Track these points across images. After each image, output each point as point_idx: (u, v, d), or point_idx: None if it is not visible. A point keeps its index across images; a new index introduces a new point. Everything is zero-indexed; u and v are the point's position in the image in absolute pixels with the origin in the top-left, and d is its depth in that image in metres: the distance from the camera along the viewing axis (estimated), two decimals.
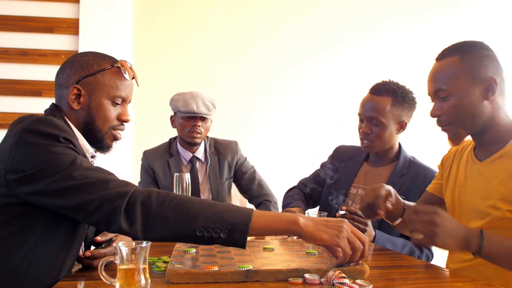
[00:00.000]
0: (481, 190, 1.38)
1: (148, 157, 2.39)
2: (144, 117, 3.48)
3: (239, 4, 3.65)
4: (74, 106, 1.28)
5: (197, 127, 2.24)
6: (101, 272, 0.95)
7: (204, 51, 3.58)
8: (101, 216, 1.05)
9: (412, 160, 1.96)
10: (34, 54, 3.13)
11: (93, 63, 1.29)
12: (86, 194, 1.05)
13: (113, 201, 1.04)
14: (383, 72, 3.68)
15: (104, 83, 1.29)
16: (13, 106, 3.08)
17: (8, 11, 3.12)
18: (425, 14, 3.79)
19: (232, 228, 1.02)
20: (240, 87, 3.61)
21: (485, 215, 1.34)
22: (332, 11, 3.72)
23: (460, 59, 1.36)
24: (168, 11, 3.57)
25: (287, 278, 1.05)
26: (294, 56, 3.67)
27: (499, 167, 1.35)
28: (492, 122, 1.36)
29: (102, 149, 1.35)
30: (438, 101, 1.40)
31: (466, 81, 1.34)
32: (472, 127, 1.37)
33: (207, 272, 1.04)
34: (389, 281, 1.09)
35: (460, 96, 1.35)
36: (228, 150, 2.40)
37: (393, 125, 1.91)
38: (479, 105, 1.35)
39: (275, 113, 3.64)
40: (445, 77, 1.37)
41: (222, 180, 2.34)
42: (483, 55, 1.36)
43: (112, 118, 1.32)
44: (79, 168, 1.08)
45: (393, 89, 1.91)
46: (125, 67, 1.32)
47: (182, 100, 2.23)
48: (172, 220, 1.03)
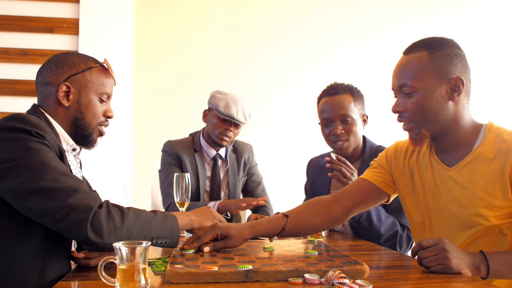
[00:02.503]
0: (458, 197, 1.32)
1: (175, 146, 2.34)
2: (144, 117, 3.48)
3: (239, 4, 3.65)
4: (64, 102, 1.32)
5: (229, 132, 2.27)
6: (101, 272, 0.95)
7: (204, 51, 3.58)
8: (67, 225, 1.09)
9: (379, 149, 1.95)
10: (34, 54, 3.13)
11: (79, 61, 1.36)
12: (55, 200, 1.08)
13: (80, 212, 1.08)
14: (383, 72, 3.69)
15: (92, 80, 1.35)
16: (13, 106, 3.08)
17: (8, 11, 3.13)
18: (425, 14, 3.79)
19: (172, 234, 1.24)
20: (240, 86, 3.60)
21: (472, 224, 1.29)
22: (332, 11, 3.72)
23: (428, 55, 1.30)
24: (168, 11, 3.57)
25: (287, 278, 1.05)
26: (294, 55, 3.67)
27: (475, 172, 1.30)
28: (455, 123, 1.32)
29: (89, 144, 1.38)
30: (402, 96, 1.34)
31: (432, 78, 1.29)
32: (434, 127, 1.31)
33: (207, 272, 1.03)
34: (389, 281, 1.09)
35: (425, 93, 1.29)
36: (245, 150, 2.47)
37: (359, 120, 1.94)
38: (444, 105, 1.30)
39: (275, 113, 3.64)
40: (411, 73, 1.31)
41: (238, 177, 2.40)
42: (452, 53, 1.30)
43: (100, 114, 1.38)
44: (53, 171, 1.11)
45: (348, 87, 1.95)
46: (109, 65, 1.40)
47: (224, 101, 2.23)
48: (135, 232, 1.15)
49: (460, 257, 1.14)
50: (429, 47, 1.32)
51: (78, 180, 1.15)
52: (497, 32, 3.82)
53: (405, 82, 1.32)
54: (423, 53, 1.32)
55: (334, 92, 1.93)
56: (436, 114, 1.30)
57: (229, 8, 3.63)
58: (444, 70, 1.29)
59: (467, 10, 3.85)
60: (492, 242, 1.28)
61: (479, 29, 3.76)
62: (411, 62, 1.33)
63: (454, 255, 1.13)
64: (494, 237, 1.28)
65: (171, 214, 1.28)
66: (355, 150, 1.97)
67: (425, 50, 1.32)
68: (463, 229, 1.32)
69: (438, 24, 3.76)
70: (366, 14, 3.75)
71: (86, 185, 1.50)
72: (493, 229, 1.27)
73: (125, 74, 3.14)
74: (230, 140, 2.31)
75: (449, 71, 1.29)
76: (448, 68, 1.29)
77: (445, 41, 1.34)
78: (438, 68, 1.29)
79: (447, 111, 1.30)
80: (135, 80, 3.48)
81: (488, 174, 1.27)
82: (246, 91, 3.61)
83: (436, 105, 1.29)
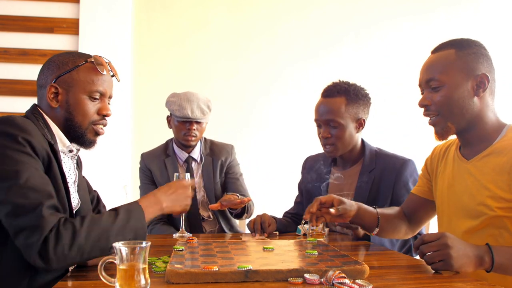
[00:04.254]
0: (470, 189, 1.37)
1: (145, 159, 2.41)
2: (144, 117, 3.48)
3: (239, 4, 3.65)
4: (52, 104, 1.31)
5: (192, 131, 2.26)
6: (100, 272, 0.95)
7: (204, 51, 3.58)
8: (18, 244, 1.08)
9: (379, 152, 1.95)
10: (34, 54, 3.13)
11: (68, 61, 1.33)
12: (13, 216, 1.07)
13: (30, 235, 1.06)
14: (382, 72, 3.69)
15: (79, 79, 1.32)
16: (13, 106, 3.08)
17: (8, 11, 3.12)
18: (424, 14, 3.79)
19: (136, 234, 1.19)
20: (240, 86, 3.61)
21: (478, 214, 1.33)
22: (332, 11, 3.72)
23: (456, 53, 1.36)
24: (168, 11, 3.57)
25: (287, 278, 1.05)
26: (294, 55, 3.67)
27: (487, 165, 1.34)
28: (479, 119, 1.36)
29: (85, 144, 1.36)
30: (429, 91, 1.39)
31: (459, 74, 1.34)
32: (460, 121, 1.36)
33: (207, 272, 1.04)
34: (389, 281, 1.09)
35: (451, 87, 1.34)
36: (223, 151, 2.42)
37: (352, 124, 1.90)
38: (469, 100, 1.34)
39: (274, 112, 3.64)
40: (439, 68, 1.37)
41: (215, 180, 2.37)
42: (478, 52, 1.36)
43: (91, 113, 1.33)
44: (22, 184, 1.09)
45: (344, 88, 1.91)
46: (100, 62, 1.34)
47: (177, 103, 2.23)
48: (87, 250, 1.11)
49: (463, 252, 1.14)
50: (457, 46, 1.38)
51: (46, 195, 1.11)
52: (497, 32, 3.82)
53: (432, 76, 1.37)
54: (451, 50, 1.37)
55: (327, 95, 1.92)
56: (462, 108, 1.35)
57: (229, 8, 3.63)
58: (471, 67, 1.35)
59: (467, 10, 3.84)
60: (498, 236, 1.30)
61: (479, 29, 3.76)
62: (439, 58, 1.39)
63: (456, 250, 1.13)
64: (499, 230, 1.30)
65: (137, 207, 1.23)
66: (351, 153, 1.96)
67: (453, 48, 1.38)
68: (470, 218, 1.35)
69: (438, 24, 3.76)
70: (366, 14, 3.75)
71: (85, 185, 1.49)
72: (498, 221, 1.30)
73: (125, 74, 3.13)
74: (197, 137, 2.30)
75: (475, 68, 1.35)
76: (474, 65, 1.35)
77: (472, 42, 1.40)
78: (465, 65, 1.35)
79: (472, 106, 1.35)
80: (135, 80, 3.48)
81: (499, 167, 1.31)
82: (246, 91, 3.61)
83: (462, 100, 1.34)
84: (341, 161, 2.00)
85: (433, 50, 1.43)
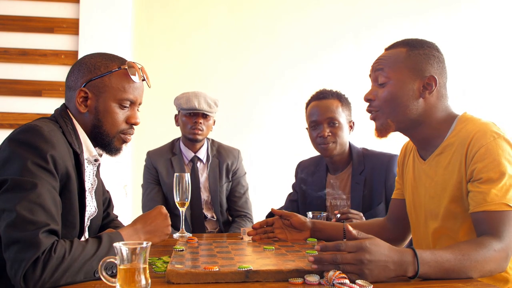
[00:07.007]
0: (428, 190, 1.36)
1: (151, 157, 2.45)
2: (144, 117, 3.47)
3: (239, 4, 3.65)
4: (81, 109, 1.26)
5: (198, 124, 2.30)
6: (101, 272, 0.95)
7: (204, 51, 3.58)
8: (6, 256, 1.03)
9: (365, 153, 2.00)
10: (34, 54, 3.13)
11: (100, 65, 1.27)
12: (13, 227, 1.02)
13: (21, 251, 1.00)
14: None
15: (111, 85, 1.27)
16: (13, 106, 3.08)
17: (8, 11, 3.12)
18: (424, 14, 3.79)
19: None
20: (240, 86, 3.61)
21: (440, 215, 1.31)
22: (331, 11, 3.72)
23: (407, 52, 1.35)
24: (168, 11, 3.57)
25: (287, 278, 1.05)
26: (294, 55, 3.67)
27: (440, 164, 1.33)
28: (423, 120, 1.33)
29: (111, 151, 1.33)
30: (375, 85, 1.39)
31: (407, 72, 1.32)
32: (400, 119, 1.33)
33: (207, 272, 1.04)
34: (389, 281, 1.09)
35: (397, 85, 1.33)
36: (230, 155, 2.47)
37: (346, 126, 1.98)
38: (414, 100, 1.32)
39: (275, 112, 3.64)
40: (388, 63, 1.36)
41: (221, 182, 2.41)
42: (430, 53, 1.34)
43: (120, 122, 1.30)
44: (33, 199, 1.05)
45: (336, 93, 2.00)
46: (134, 69, 1.30)
47: (185, 98, 2.30)
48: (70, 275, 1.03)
49: (382, 267, 1.03)
50: (409, 45, 1.37)
51: (51, 218, 1.07)
52: (497, 32, 3.82)
53: (381, 68, 1.37)
54: (402, 49, 1.37)
55: (322, 97, 1.99)
56: (404, 107, 1.32)
57: (229, 8, 3.63)
58: (420, 67, 1.33)
59: (467, 10, 3.84)
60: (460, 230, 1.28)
61: (479, 29, 3.76)
62: (389, 55, 1.39)
63: (372, 267, 1.02)
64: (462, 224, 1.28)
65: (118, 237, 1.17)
66: (342, 156, 1.99)
67: (405, 47, 1.37)
68: (434, 220, 1.34)
69: (437, 24, 3.76)
70: (366, 14, 3.75)
71: (101, 189, 1.46)
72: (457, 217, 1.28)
73: None
74: (204, 132, 2.33)
75: (424, 69, 1.33)
76: (423, 66, 1.33)
77: (425, 42, 1.38)
78: (413, 64, 1.33)
79: (416, 106, 1.33)
80: None
81: (451, 165, 1.30)
82: (246, 91, 3.61)
83: (406, 98, 1.32)
84: (333, 166, 2.04)
85: (387, 48, 1.43)
